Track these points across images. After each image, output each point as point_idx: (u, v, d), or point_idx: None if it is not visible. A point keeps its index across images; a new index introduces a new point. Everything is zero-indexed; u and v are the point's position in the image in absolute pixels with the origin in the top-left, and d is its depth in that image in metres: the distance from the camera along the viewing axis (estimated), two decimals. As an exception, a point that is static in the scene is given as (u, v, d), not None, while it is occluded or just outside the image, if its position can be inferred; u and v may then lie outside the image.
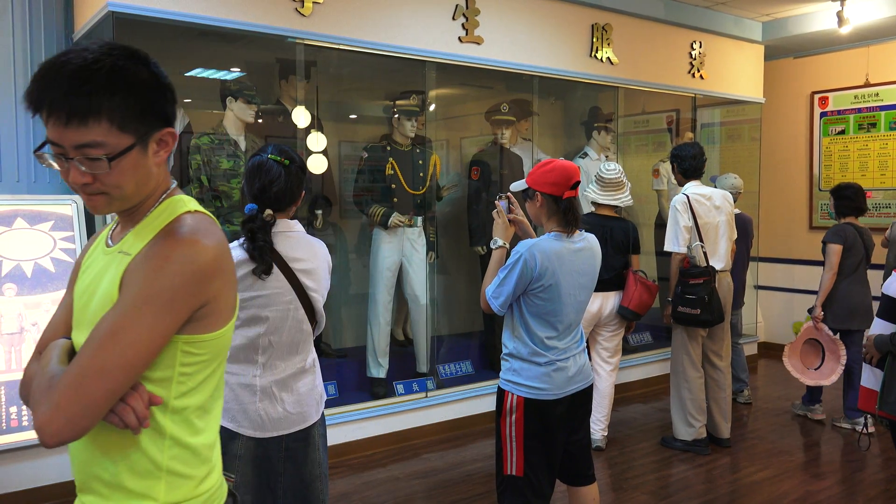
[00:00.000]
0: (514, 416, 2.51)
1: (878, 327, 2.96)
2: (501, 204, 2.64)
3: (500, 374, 2.60)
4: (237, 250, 2.07)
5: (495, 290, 2.52)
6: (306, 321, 2.20)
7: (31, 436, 3.49)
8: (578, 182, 2.54)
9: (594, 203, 4.33)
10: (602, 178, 4.26)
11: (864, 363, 3.03)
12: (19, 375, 3.54)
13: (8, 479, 3.47)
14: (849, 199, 4.68)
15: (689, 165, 4.27)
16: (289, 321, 2.15)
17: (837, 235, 4.63)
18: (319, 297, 2.23)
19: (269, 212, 2.11)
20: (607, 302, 4.29)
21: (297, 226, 2.21)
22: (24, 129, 3.94)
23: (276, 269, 2.10)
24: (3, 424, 3.46)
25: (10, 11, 3.89)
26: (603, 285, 4.12)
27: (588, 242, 2.60)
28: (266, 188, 2.12)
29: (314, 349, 2.30)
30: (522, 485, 2.52)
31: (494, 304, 2.52)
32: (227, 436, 2.10)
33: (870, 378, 2.99)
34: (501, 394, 2.57)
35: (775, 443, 4.57)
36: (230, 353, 2.12)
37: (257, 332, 2.11)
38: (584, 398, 2.63)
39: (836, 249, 4.59)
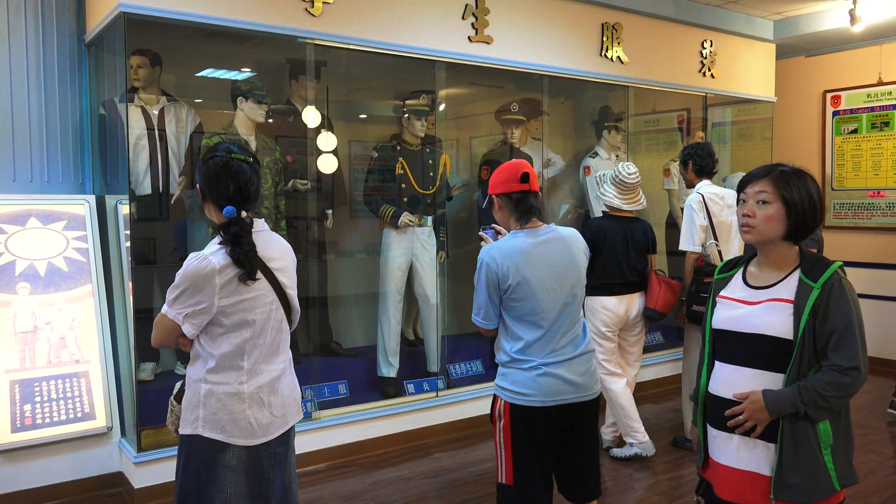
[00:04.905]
0: (502, 423, 2.43)
1: (755, 380, 1.96)
2: (488, 233, 2.61)
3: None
4: (219, 255, 2.01)
5: (475, 305, 2.49)
6: (285, 320, 2.18)
7: (44, 433, 3.52)
8: (528, 174, 2.47)
9: (608, 206, 4.20)
10: (623, 182, 4.12)
11: (721, 433, 2.02)
12: (33, 374, 3.58)
13: (23, 476, 3.49)
14: None
15: (706, 164, 4.28)
16: (271, 322, 2.12)
17: None
18: (294, 294, 2.22)
19: (245, 213, 2.06)
20: (633, 304, 4.21)
21: (263, 224, 2.18)
22: (37, 130, 3.96)
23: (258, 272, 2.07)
24: (18, 422, 3.48)
25: (23, 13, 3.91)
26: (628, 287, 4.11)
27: (557, 233, 2.50)
28: (243, 188, 2.08)
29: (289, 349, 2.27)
30: (512, 494, 2.41)
31: (478, 320, 2.48)
32: (217, 448, 2.04)
33: (742, 456, 1.97)
34: (493, 399, 2.50)
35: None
36: (215, 363, 2.05)
37: (244, 338, 2.06)
38: (583, 411, 2.45)
39: None
